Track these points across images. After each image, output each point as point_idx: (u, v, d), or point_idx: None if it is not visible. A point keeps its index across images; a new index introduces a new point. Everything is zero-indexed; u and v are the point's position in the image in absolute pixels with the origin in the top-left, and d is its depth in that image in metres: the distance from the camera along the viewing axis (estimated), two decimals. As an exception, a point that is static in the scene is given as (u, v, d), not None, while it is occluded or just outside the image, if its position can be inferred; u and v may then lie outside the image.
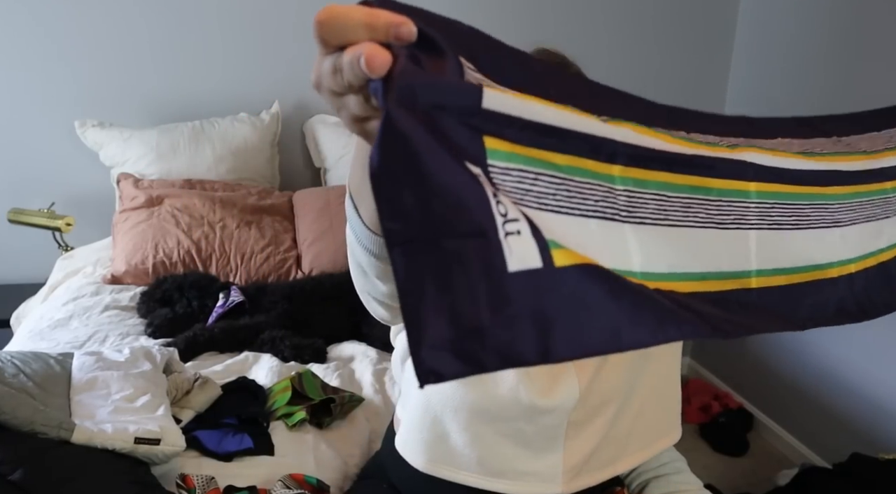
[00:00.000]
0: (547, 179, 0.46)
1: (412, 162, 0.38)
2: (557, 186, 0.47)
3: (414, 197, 0.38)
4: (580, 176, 0.48)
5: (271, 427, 1.35)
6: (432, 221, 0.38)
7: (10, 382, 1.14)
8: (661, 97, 0.60)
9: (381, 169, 0.37)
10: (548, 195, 0.46)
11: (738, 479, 2.35)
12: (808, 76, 2.37)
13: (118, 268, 1.99)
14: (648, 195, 0.53)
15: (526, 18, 2.54)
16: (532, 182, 0.45)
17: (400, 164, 0.38)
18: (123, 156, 2.23)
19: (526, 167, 0.45)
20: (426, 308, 0.38)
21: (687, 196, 0.56)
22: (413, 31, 0.41)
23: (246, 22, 2.36)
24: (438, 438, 0.98)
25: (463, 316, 0.39)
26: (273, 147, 2.42)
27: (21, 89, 2.25)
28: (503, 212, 0.40)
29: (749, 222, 0.60)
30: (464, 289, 0.39)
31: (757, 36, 2.63)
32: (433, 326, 0.38)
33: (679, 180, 0.55)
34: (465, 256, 0.39)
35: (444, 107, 0.40)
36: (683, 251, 0.55)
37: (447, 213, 0.38)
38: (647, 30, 2.65)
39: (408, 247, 0.38)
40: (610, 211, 0.50)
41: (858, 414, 2.21)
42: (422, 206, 0.38)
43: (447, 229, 0.38)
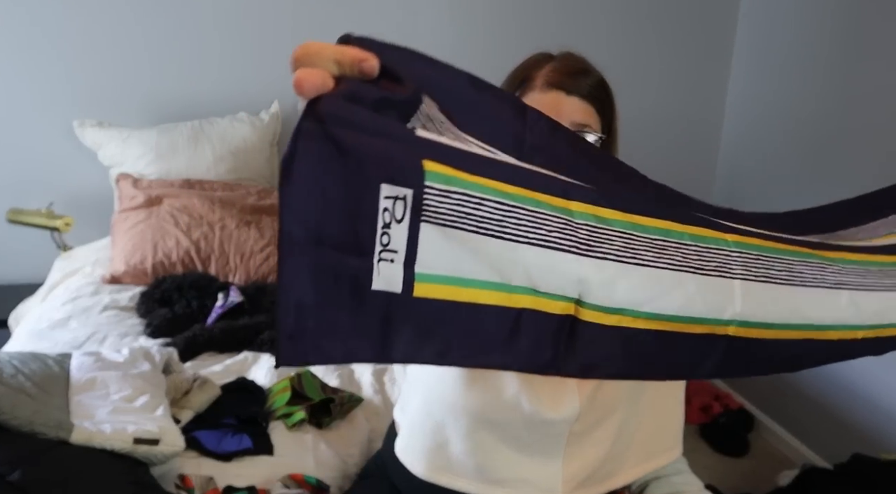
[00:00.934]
0: (492, 205, 0.50)
1: (312, 174, 0.43)
2: (504, 213, 0.50)
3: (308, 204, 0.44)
4: (532, 205, 0.52)
5: (270, 428, 1.35)
6: (318, 228, 0.45)
7: (9, 382, 1.14)
8: (661, 97, 0.60)
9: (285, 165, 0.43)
10: (491, 220, 0.50)
11: (738, 480, 2.35)
12: (808, 76, 2.37)
13: (117, 268, 1.98)
14: (613, 231, 0.56)
15: (526, 19, 2.53)
16: (475, 205, 0.49)
17: (303, 174, 0.43)
18: (122, 155, 2.22)
19: (468, 190, 0.49)
20: (297, 303, 0.45)
21: (660, 238, 0.58)
22: (375, 67, 0.45)
23: (245, 22, 2.35)
24: (439, 445, 0.98)
25: (324, 315, 0.46)
26: (272, 147, 2.41)
27: (20, 89, 2.24)
28: (385, 242, 0.46)
29: (733, 271, 0.61)
30: (332, 294, 0.46)
31: (757, 36, 2.62)
32: (298, 319, 0.46)
33: (647, 222, 0.58)
34: (340, 268, 0.46)
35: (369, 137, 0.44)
36: (650, 290, 0.57)
37: (337, 232, 0.45)
38: (647, 30, 2.65)
39: (295, 250, 0.45)
40: (566, 243, 0.53)
41: (859, 415, 2.21)
42: (318, 220, 0.44)
43: (332, 243, 0.45)
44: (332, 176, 0.44)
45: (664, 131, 2.77)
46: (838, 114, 2.24)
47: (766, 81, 2.59)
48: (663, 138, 2.78)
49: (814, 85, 2.34)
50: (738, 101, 2.74)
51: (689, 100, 2.76)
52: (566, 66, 0.98)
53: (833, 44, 2.26)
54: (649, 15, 2.64)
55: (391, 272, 0.47)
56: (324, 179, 0.44)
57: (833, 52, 2.26)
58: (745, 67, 2.69)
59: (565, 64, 0.98)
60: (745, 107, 2.71)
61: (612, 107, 1.00)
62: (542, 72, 0.97)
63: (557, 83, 0.95)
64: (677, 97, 2.74)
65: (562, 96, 0.94)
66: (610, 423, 0.98)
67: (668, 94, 2.73)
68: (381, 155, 0.45)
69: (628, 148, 3.30)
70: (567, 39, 2.98)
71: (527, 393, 0.92)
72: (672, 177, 2.95)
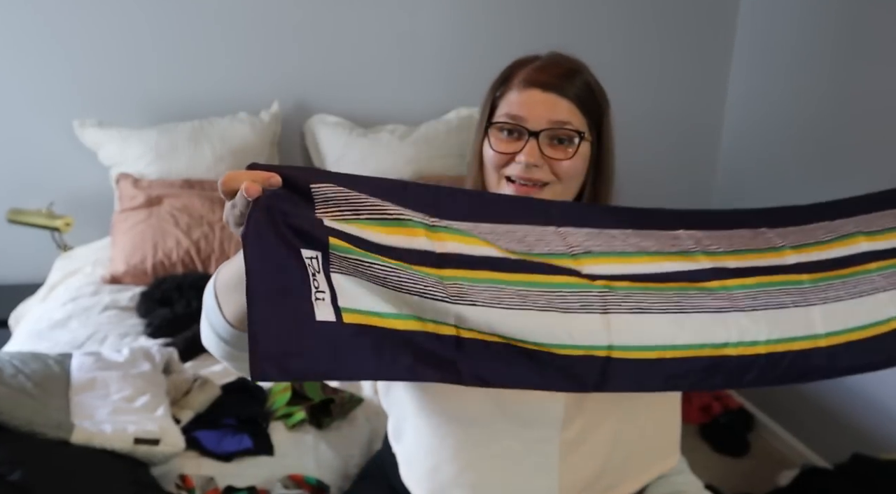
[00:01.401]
0: (379, 267, 0.69)
1: (264, 246, 0.64)
2: (388, 272, 0.70)
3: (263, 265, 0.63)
4: (410, 271, 0.71)
5: (271, 428, 1.35)
6: (273, 281, 0.63)
7: (9, 383, 1.14)
8: (661, 97, 0.60)
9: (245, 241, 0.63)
10: (379, 277, 0.69)
11: (738, 480, 2.35)
12: (808, 76, 2.37)
13: (117, 268, 1.99)
14: (480, 286, 0.74)
15: (527, 19, 2.53)
16: (367, 267, 0.69)
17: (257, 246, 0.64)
18: (122, 155, 2.22)
19: (361, 258, 0.69)
20: (262, 333, 0.61)
21: (523, 288, 0.75)
22: (279, 181, 0.68)
23: (246, 22, 2.35)
24: (434, 468, 0.98)
25: (284, 341, 0.63)
26: (273, 147, 2.41)
27: (20, 89, 2.24)
28: (316, 285, 0.65)
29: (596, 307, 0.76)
30: (288, 326, 0.63)
31: (757, 36, 2.62)
32: (265, 345, 0.61)
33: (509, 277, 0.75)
34: (291, 306, 0.64)
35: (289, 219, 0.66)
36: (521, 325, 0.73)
37: (282, 279, 0.64)
38: (648, 30, 2.65)
39: (259, 294, 0.62)
40: (439, 294, 0.71)
41: (859, 415, 2.21)
42: (268, 272, 0.63)
43: (282, 288, 0.64)
44: (273, 245, 0.64)
45: (664, 131, 2.77)
46: (838, 114, 2.24)
47: (766, 81, 2.58)
48: (664, 138, 2.78)
49: (814, 85, 2.34)
50: (738, 102, 2.74)
51: (689, 100, 2.76)
52: (547, 64, 0.97)
53: (833, 43, 2.26)
54: (649, 15, 2.64)
55: (325, 306, 0.66)
56: (269, 247, 0.64)
57: (833, 51, 2.26)
58: (745, 67, 2.69)
59: (547, 63, 0.97)
60: (745, 108, 2.71)
61: (599, 106, 0.98)
62: (523, 71, 0.96)
63: (534, 81, 0.94)
64: (677, 97, 2.74)
65: (537, 93, 0.94)
66: (603, 432, 0.96)
67: (668, 95, 2.73)
68: (300, 231, 0.66)
69: (629, 148, 3.28)
70: (567, 39, 2.98)
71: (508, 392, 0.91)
72: (672, 177, 2.99)
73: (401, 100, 2.51)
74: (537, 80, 0.94)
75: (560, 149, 0.94)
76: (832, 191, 2.40)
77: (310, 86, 2.47)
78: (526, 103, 0.94)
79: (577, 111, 0.95)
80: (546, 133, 0.93)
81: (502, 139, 0.95)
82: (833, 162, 2.27)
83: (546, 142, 0.93)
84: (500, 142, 0.95)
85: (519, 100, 0.94)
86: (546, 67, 0.96)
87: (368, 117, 2.50)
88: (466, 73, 2.48)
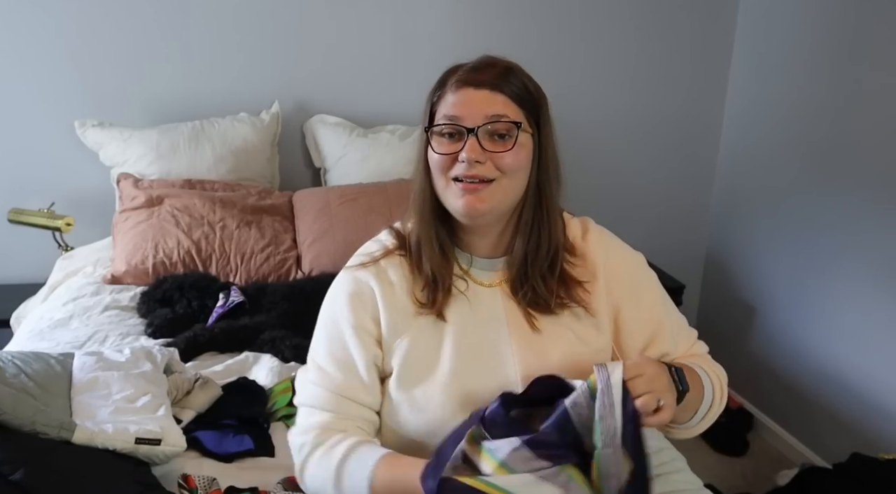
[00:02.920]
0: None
1: None
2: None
3: None
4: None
5: (272, 428, 1.35)
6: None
7: (11, 382, 1.14)
8: (661, 97, 0.60)
9: None
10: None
11: (738, 479, 2.35)
12: (807, 76, 2.37)
13: (118, 268, 1.99)
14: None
15: (527, 19, 2.53)
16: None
17: None
18: (123, 156, 2.23)
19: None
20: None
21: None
22: None
23: (246, 22, 2.36)
24: None
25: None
26: (273, 147, 2.42)
27: (21, 89, 2.25)
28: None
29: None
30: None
31: (757, 36, 2.63)
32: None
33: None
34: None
35: None
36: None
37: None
38: (647, 30, 2.65)
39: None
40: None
41: (858, 414, 2.21)
42: None
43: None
44: None
45: (664, 131, 2.77)
46: (838, 114, 2.25)
47: (765, 82, 2.59)
48: (663, 138, 2.78)
49: (813, 85, 2.35)
50: (738, 102, 2.74)
51: (689, 100, 2.76)
52: (479, 65, 0.98)
53: (832, 44, 2.26)
54: (649, 15, 2.64)
55: None
56: None
57: (833, 51, 2.26)
58: (745, 67, 2.69)
59: (479, 63, 0.99)
60: (745, 108, 2.71)
61: (535, 99, 0.99)
62: (457, 74, 0.98)
63: (467, 80, 0.96)
64: (677, 97, 2.74)
65: (471, 92, 0.95)
66: None
67: (668, 95, 2.73)
68: None
69: (629, 148, 3.32)
70: (567, 39, 2.99)
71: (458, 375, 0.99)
72: (672, 178, 3.00)
73: (401, 101, 2.51)
74: (470, 79, 0.96)
75: (500, 143, 0.95)
76: (832, 189, 2.42)
77: (310, 86, 2.47)
78: (461, 102, 0.95)
79: (513, 104, 0.96)
80: (484, 128, 0.94)
81: (443, 142, 0.97)
82: (832, 161, 2.28)
83: (486, 138, 0.95)
84: (441, 145, 0.97)
85: (454, 101, 0.96)
86: (478, 67, 0.98)
87: (368, 117, 2.50)
88: (466, 74, 2.48)
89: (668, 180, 2.83)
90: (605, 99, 2.67)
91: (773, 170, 2.55)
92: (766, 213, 2.60)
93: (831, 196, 2.28)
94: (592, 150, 2.62)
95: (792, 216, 2.46)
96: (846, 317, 2.24)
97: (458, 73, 0.98)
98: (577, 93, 2.60)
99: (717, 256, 2.90)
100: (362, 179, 2.32)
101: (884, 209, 2.07)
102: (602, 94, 2.66)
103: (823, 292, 2.33)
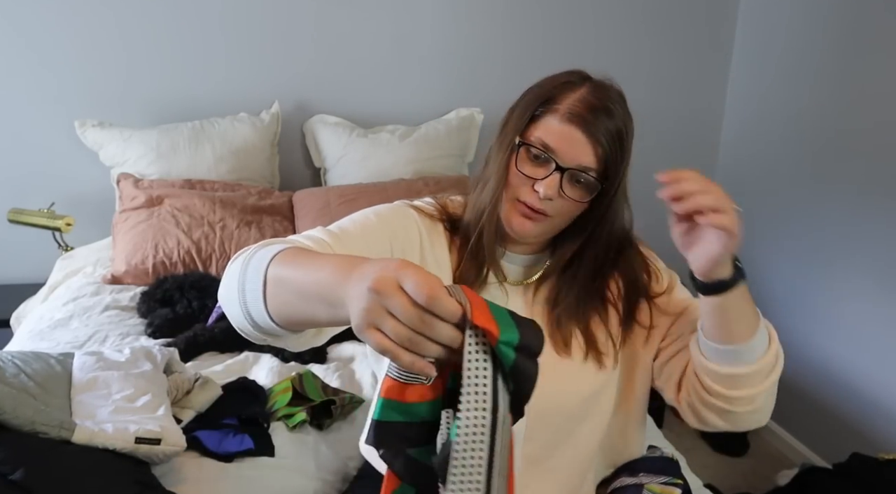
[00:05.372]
0: None
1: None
2: None
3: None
4: None
5: (272, 428, 1.35)
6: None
7: (11, 382, 1.14)
8: (661, 96, 0.61)
9: None
10: None
11: (738, 479, 2.35)
12: (807, 75, 2.37)
13: (118, 268, 1.99)
14: None
15: (526, 19, 2.53)
16: None
17: None
18: (123, 155, 2.23)
19: None
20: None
21: None
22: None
23: (246, 22, 2.36)
24: None
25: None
26: (273, 147, 2.42)
27: (21, 89, 2.25)
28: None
29: None
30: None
31: (757, 36, 2.63)
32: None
33: None
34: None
35: None
36: None
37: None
38: (648, 30, 2.65)
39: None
40: None
41: (858, 414, 2.21)
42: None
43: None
44: None
45: (664, 131, 2.77)
46: (838, 114, 2.25)
47: (766, 81, 2.59)
48: (663, 138, 2.78)
49: (813, 84, 2.35)
50: (738, 101, 2.74)
51: (689, 99, 2.77)
52: (593, 100, 0.94)
53: (832, 43, 2.26)
54: (649, 15, 2.64)
55: None
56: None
57: (833, 51, 2.26)
58: (745, 67, 2.69)
59: (594, 97, 0.95)
60: (745, 107, 2.71)
61: (623, 153, 0.97)
62: (570, 99, 0.94)
63: (577, 117, 0.93)
64: (677, 97, 2.74)
65: (576, 133, 0.93)
66: (559, 452, 1.00)
67: (668, 94, 2.73)
68: None
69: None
70: (567, 39, 2.99)
71: None
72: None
73: (401, 101, 2.51)
74: (580, 117, 0.93)
75: (573, 190, 0.95)
76: (831, 189, 2.42)
77: (310, 86, 2.47)
78: (564, 138, 0.93)
79: (602, 156, 0.94)
80: (570, 172, 0.94)
81: (529, 162, 0.96)
82: (832, 160, 2.28)
83: (567, 180, 0.94)
84: (525, 164, 0.96)
85: (558, 132, 0.93)
86: (593, 105, 0.94)
87: (368, 117, 2.50)
88: (466, 74, 2.48)
89: (668, 180, 2.83)
90: (605, 99, 2.66)
91: (773, 170, 2.55)
92: (766, 213, 2.60)
93: (831, 195, 2.28)
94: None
95: (792, 216, 2.46)
96: (846, 317, 2.24)
97: (573, 98, 0.94)
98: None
99: (717, 256, 2.90)
100: (362, 179, 2.32)
101: (884, 208, 2.07)
102: (602, 94, 2.65)
103: (823, 292, 2.33)
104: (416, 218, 1.03)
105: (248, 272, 0.74)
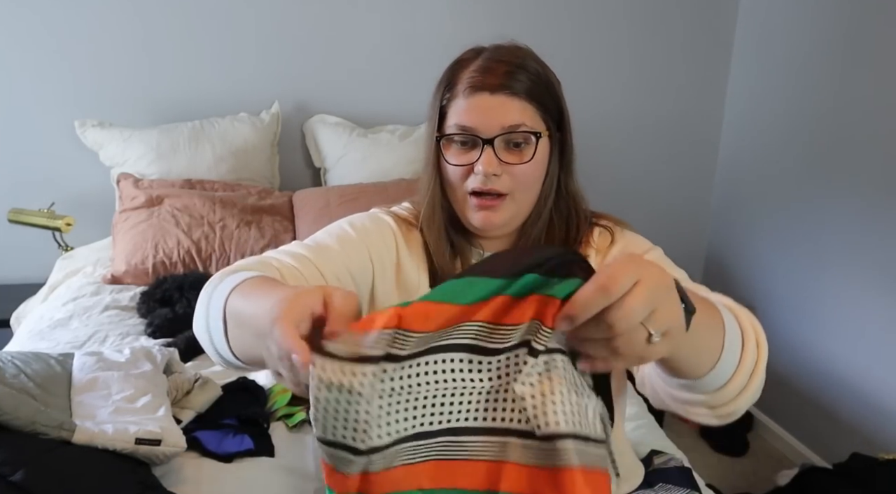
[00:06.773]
0: None
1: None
2: None
3: None
4: None
5: (271, 428, 1.35)
6: None
7: (11, 383, 1.14)
8: (661, 97, 0.60)
9: None
10: None
11: (738, 479, 2.35)
12: (807, 76, 2.37)
13: (118, 268, 1.99)
14: None
15: (526, 19, 2.53)
16: None
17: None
18: (123, 155, 2.23)
19: None
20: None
21: None
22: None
23: (246, 22, 2.36)
24: None
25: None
26: (273, 147, 2.42)
27: (21, 89, 2.24)
28: None
29: None
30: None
31: (757, 36, 2.63)
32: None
33: None
34: None
35: None
36: None
37: None
38: (647, 30, 2.65)
39: None
40: None
41: (858, 414, 2.21)
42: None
43: None
44: None
45: (664, 131, 2.77)
46: (838, 114, 2.25)
47: (765, 82, 2.59)
48: (663, 138, 2.78)
49: (813, 85, 2.35)
50: (738, 102, 2.74)
51: (689, 100, 2.76)
52: (490, 62, 0.89)
53: (832, 44, 2.26)
54: (649, 15, 2.64)
55: None
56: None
57: (832, 51, 2.26)
58: (745, 67, 2.69)
59: (489, 60, 0.90)
60: (744, 108, 2.71)
61: (551, 93, 0.92)
62: (466, 73, 0.90)
63: (480, 84, 0.88)
64: (677, 97, 2.74)
65: (485, 98, 0.88)
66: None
67: (668, 94, 2.73)
68: None
69: (629, 148, 3.31)
70: (566, 40, 2.99)
71: None
72: (672, 177, 2.99)
73: (401, 101, 2.51)
74: (483, 84, 0.88)
75: (517, 153, 0.90)
76: (831, 189, 2.42)
77: (310, 86, 2.47)
78: (475, 110, 0.88)
79: (530, 108, 0.89)
80: (500, 138, 0.88)
81: (457, 151, 0.91)
82: (832, 161, 2.27)
83: (502, 148, 0.89)
84: (454, 155, 0.92)
85: (467, 108, 0.89)
86: (489, 67, 0.89)
87: (368, 117, 2.50)
88: (466, 74, 2.48)
89: (668, 180, 2.83)
90: (605, 99, 2.67)
91: (773, 170, 2.55)
92: (765, 213, 2.60)
93: (831, 195, 2.28)
94: (592, 150, 2.61)
95: (792, 215, 2.46)
96: (846, 317, 2.24)
97: (468, 72, 0.90)
98: (576, 94, 2.58)
99: (717, 256, 2.90)
100: (362, 179, 2.32)
101: (884, 208, 2.07)
102: (602, 94, 2.66)
103: (823, 291, 2.33)
104: (391, 225, 1.00)
105: (210, 308, 0.74)
